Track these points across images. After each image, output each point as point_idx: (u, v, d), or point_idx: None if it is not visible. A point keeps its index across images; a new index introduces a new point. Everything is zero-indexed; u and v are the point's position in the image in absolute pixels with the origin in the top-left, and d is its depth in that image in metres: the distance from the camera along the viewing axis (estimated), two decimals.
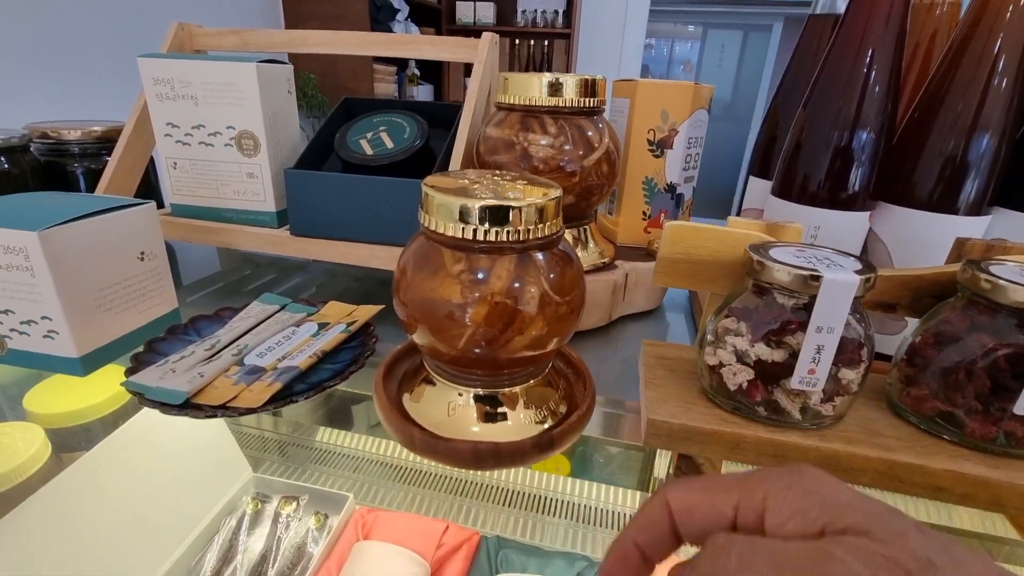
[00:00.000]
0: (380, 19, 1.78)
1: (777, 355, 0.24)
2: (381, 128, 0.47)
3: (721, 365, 0.26)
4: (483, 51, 0.48)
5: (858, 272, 0.23)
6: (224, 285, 0.56)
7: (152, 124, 0.48)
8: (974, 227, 0.33)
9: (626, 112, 0.47)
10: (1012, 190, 0.33)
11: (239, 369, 0.32)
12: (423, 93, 2.29)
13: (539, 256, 0.26)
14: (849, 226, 0.34)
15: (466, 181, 0.27)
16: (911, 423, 0.26)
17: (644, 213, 0.49)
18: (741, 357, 0.25)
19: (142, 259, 0.37)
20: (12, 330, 0.33)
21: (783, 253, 0.25)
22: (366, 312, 0.40)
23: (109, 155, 0.52)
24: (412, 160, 0.45)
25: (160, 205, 0.55)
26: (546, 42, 2.28)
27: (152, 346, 0.35)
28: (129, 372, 0.31)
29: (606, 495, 0.71)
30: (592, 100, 0.40)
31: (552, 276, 0.26)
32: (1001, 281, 0.23)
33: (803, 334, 0.23)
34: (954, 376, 0.24)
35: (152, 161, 0.55)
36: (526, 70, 2.32)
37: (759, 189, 0.43)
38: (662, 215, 0.49)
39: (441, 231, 0.25)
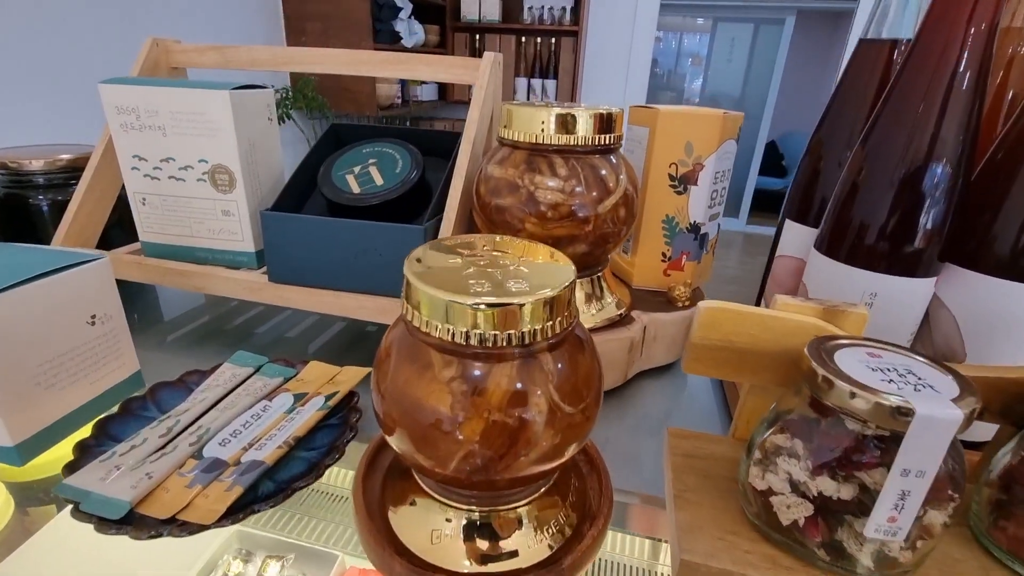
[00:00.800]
0: (382, 18, 1.72)
1: (845, 491, 0.19)
2: (370, 161, 0.42)
3: (771, 492, 0.21)
4: (484, 73, 0.43)
5: (958, 400, 0.18)
6: (209, 320, 0.51)
7: (118, 154, 0.43)
8: None
9: (644, 142, 0.42)
10: None
11: (196, 464, 0.27)
12: (427, 92, 2.24)
13: (548, 358, 0.21)
14: (912, 294, 0.29)
15: (459, 260, 0.22)
16: (1008, 567, 0.21)
17: (664, 254, 0.44)
18: (797, 487, 0.20)
19: (93, 323, 0.32)
20: None
21: (852, 361, 0.20)
22: (350, 378, 0.35)
23: (77, 184, 0.47)
24: (404, 198, 0.40)
25: (136, 237, 0.51)
26: (553, 40, 2.21)
27: (102, 428, 0.30)
28: (68, 469, 0.27)
29: None
30: (608, 136, 0.35)
31: (563, 380, 0.21)
32: None
33: (881, 471, 0.18)
34: None
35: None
36: (532, 69, 2.26)
37: (797, 235, 0.38)
38: (684, 257, 0.43)
39: (427, 331, 0.20)
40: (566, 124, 0.34)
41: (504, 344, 0.20)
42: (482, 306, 0.19)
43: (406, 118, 2.32)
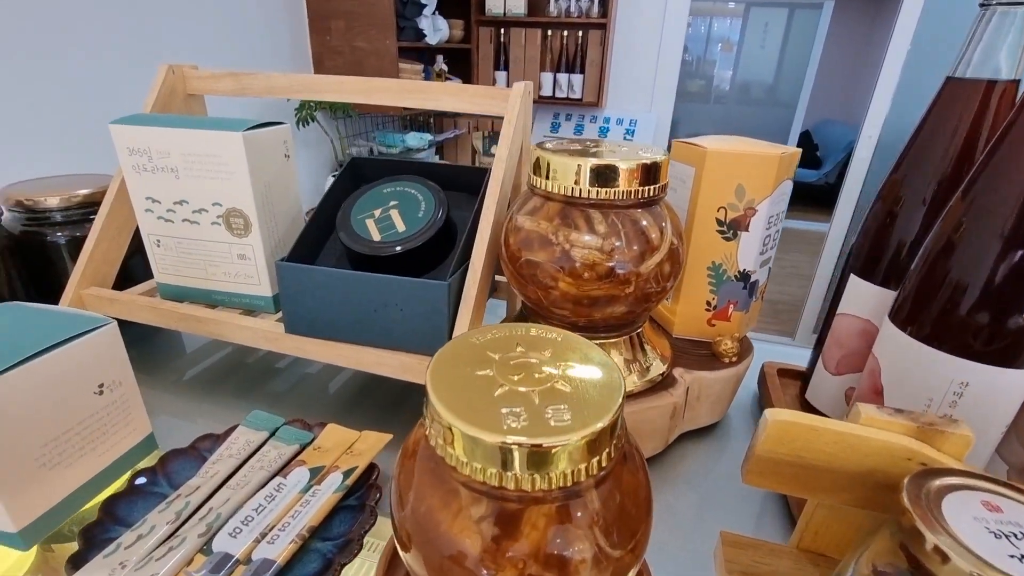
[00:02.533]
0: (406, 15, 1.69)
1: None
2: (391, 204, 0.39)
3: None
4: (515, 106, 0.39)
5: None
6: (228, 354, 0.50)
7: (130, 196, 0.41)
8: None
9: (689, 182, 0.38)
10: None
11: (205, 563, 0.25)
12: None
13: (593, 496, 0.18)
14: (1009, 387, 0.25)
15: (489, 372, 0.19)
16: None
17: (708, 303, 0.40)
18: None
19: (101, 393, 0.30)
20: None
21: (966, 518, 0.16)
22: (369, 447, 0.33)
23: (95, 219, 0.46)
24: (427, 245, 0.37)
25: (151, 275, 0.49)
26: (580, 33, 2.15)
27: (108, 510, 0.28)
28: (72, 565, 0.25)
29: None
30: (651, 188, 0.31)
31: (612, 518, 0.18)
32: None
33: None
34: None
35: None
36: (558, 62, 2.20)
37: (863, 294, 0.33)
38: (730, 306, 0.40)
39: (454, 465, 0.17)
40: (605, 176, 0.30)
41: (543, 487, 0.17)
42: (516, 446, 0.16)
43: (430, 114, 2.29)
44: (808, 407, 0.39)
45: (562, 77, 2.23)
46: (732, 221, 0.37)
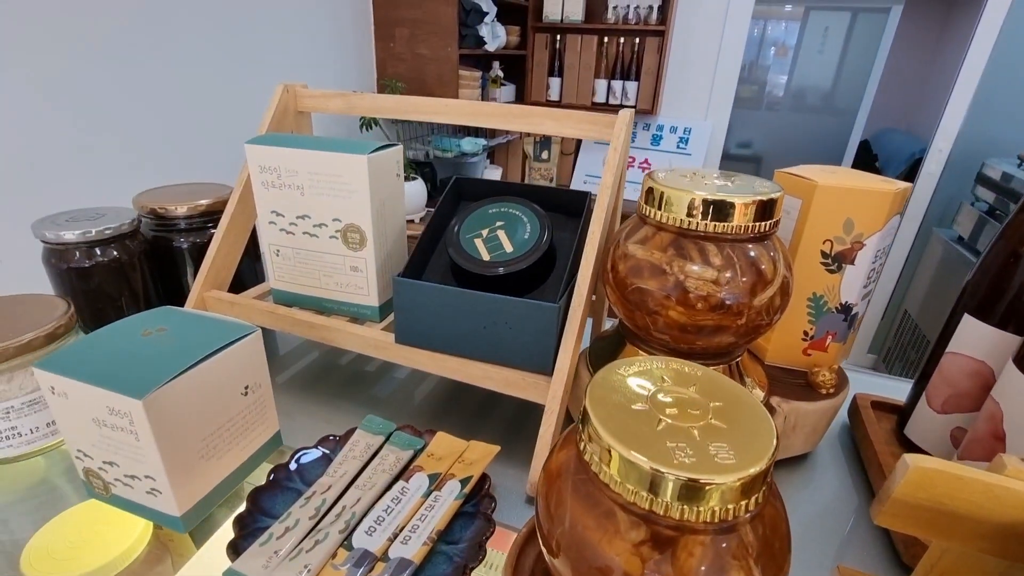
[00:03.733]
0: (469, 23, 1.73)
1: None
2: (498, 224, 0.41)
3: None
4: (619, 134, 0.41)
5: None
6: (319, 357, 0.53)
7: (256, 209, 0.45)
8: None
9: (794, 213, 0.38)
10: None
11: (348, 557, 0.28)
12: (505, 94, 2.23)
13: (747, 530, 0.19)
14: None
15: (645, 406, 0.21)
16: None
17: (806, 333, 0.40)
18: None
19: (246, 394, 0.34)
20: (116, 479, 0.31)
21: None
22: (480, 457, 0.35)
23: (214, 226, 0.50)
24: (533, 266, 0.39)
25: (260, 279, 0.53)
26: (637, 40, 2.14)
27: (255, 501, 0.31)
28: (232, 550, 0.28)
29: None
30: (766, 224, 0.32)
31: (763, 549, 0.20)
32: None
33: None
34: None
35: (254, 232, 0.53)
36: (613, 69, 2.20)
37: (978, 334, 0.33)
38: (829, 337, 0.40)
39: (616, 491, 0.19)
40: (721, 210, 0.31)
41: (706, 520, 0.18)
42: (686, 480, 0.18)
43: None
44: (907, 442, 0.39)
45: (616, 84, 2.22)
46: (838, 254, 0.37)
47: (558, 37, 2.23)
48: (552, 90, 2.32)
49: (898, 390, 0.45)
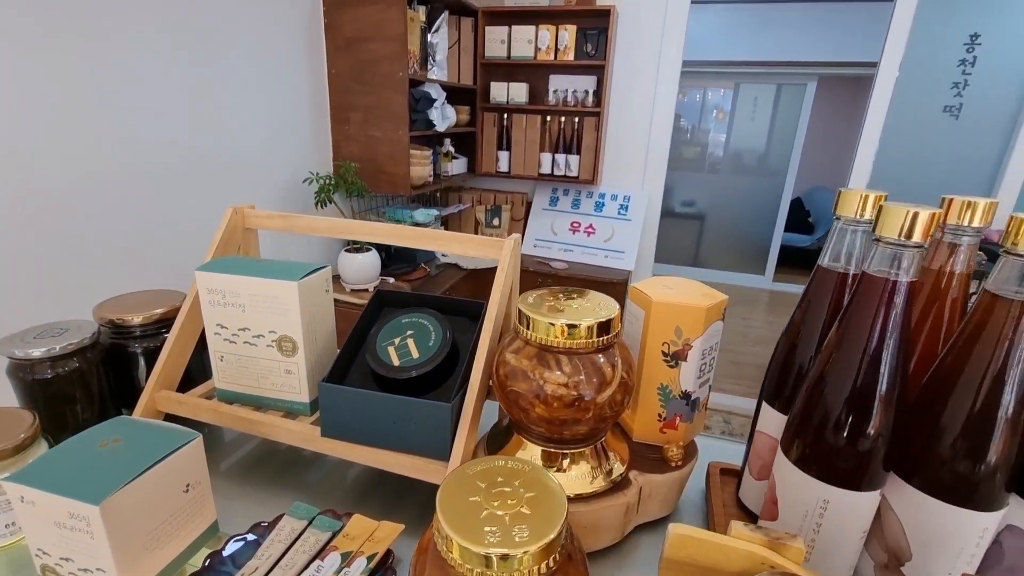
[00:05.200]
0: (419, 109, 1.88)
1: None
2: (408, 333, 0.50)
3: None
4: (506, 257, 0.51)
5: None
6: (258, 445, 0.59)
7: (204, 322, 0.52)
8: (987, 521, 0.33)
9: (642, 321, 0.49)
10: None
11: None
12: (457, 167, 2.38)
13: None
14: (858, 506, 0.35)
15: (479, 498, 0.29)
16: None
17: (659, 415, 0.50)
18: None
19: (187, 491, 0.40)
20: (70, 573, 0.37)
21: None
22: (387, 535, 0.42)
23: (167, 331, 0.57)
24: (436, 369, 0.48)
25: (208, 372, 0.59)
26: (576, 119, 2.35)
27: None
28: None
29: None
30: (605, 338, 0.42)
31: None
32: None
33: None
34: None
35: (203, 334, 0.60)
36: (556, 144, 2.40)
37: (770, 417, 0.43)
38: (677, 418, 0.50)
39: (452, 565, 0.27)
40: (572, 330, 0.41)
41: None
42: (493, 555, 0.26)
43: (436, 192, 2.47)
44: (741, 504, 0.48)
45: (560, 157, 2.41)
46: (674, 353, 0.48)
47: (505, 116, 2.43)
48: (501, 162, 2.49)
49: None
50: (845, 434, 0.34)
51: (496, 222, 2.55)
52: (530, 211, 2.61)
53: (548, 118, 2.38)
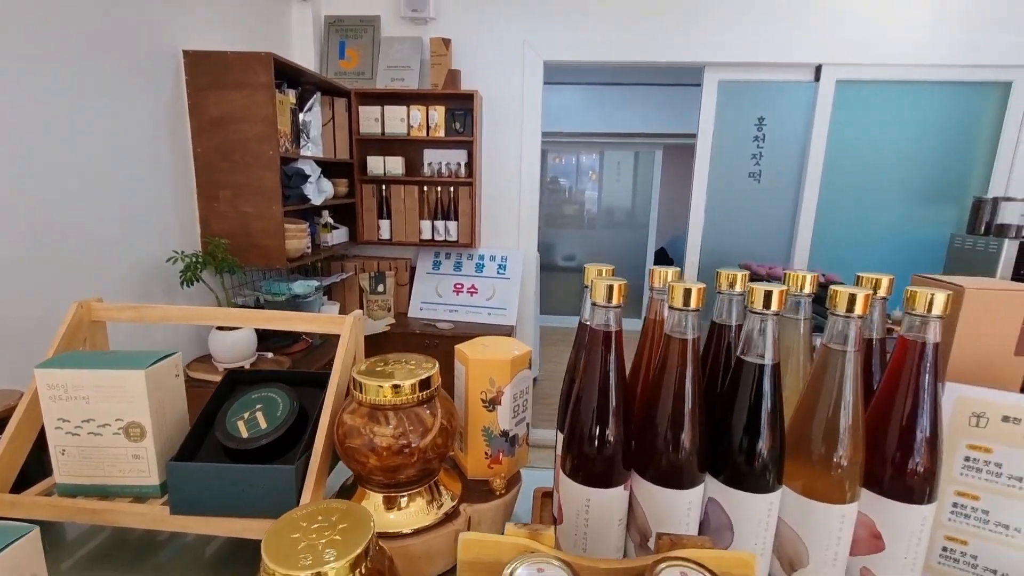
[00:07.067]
0: (292, 184, 1.93)
1: None
2: (257, 407, 0.55)
3: None
4: (347, 331, 0.59)
5: None
6: (109, 535, 0.59)
7: (43, 418, 0.53)
8: (691, 496, 0.46)
9: (464, 375, 0.59)
10: (717, 463, 0.47)
11: None
12: (338, 236, 2.43)
13: None
14: (610, 501, 0.46)
15: (299, 535, 0.36)
16: None
17: (486, 453, 0.59)
18: None
19: None
20: None
21: (525, 571, 0.35)
22: None
23: (1, 430, 0.56)
24: (283, 437, 0.54)
25: (48, 470, 0.59)
26: (452, 188, 2.53)
27: None
28: None
29: None
30: (426, 392, 0.51)
31: None
32: None
33: None
34: None
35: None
36: (435, 212, 2.55)
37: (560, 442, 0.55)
38: (500, 454, 0.59)
39: None
40: (397, 390, 0.50)
41: None
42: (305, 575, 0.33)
43: (317, 262, 2.48)
44: (554, 518, 0.58)
45: (439, 223, 2.56)
46: (490, 399, 0.58)
47: (384, 186, 2.54)
48: (383, 230, 2.58)
49: None
50: (595, 445, 0.46)
51: (381, 288, 2.59)
52: (415, 276, 2.70)
53: (425, 188, 2.54)
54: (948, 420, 0.48)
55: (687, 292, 0.44)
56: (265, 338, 1.91)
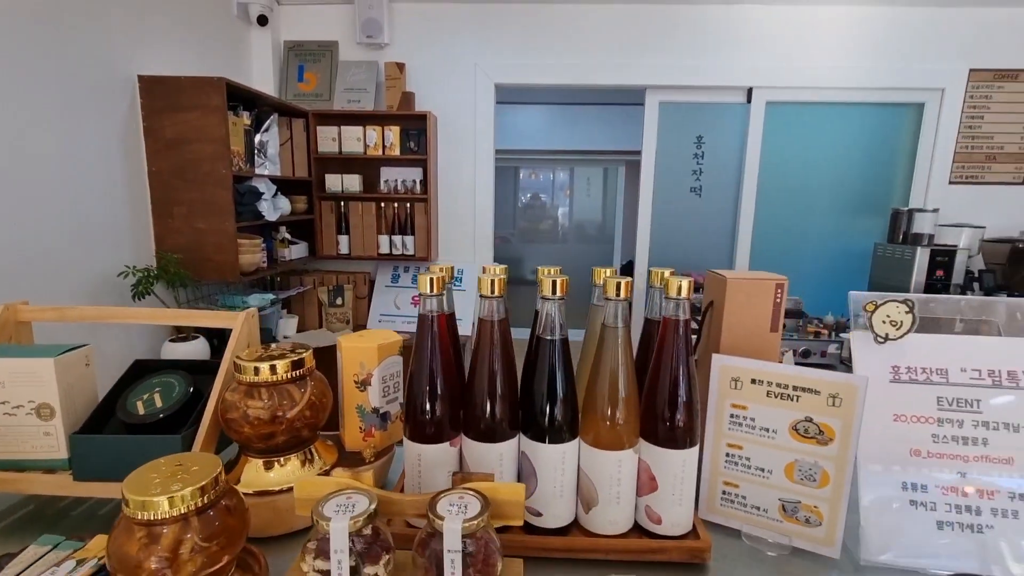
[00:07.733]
0: (245, 201, 2.02)
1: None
2: (156, 389, 0.65)
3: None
4: (239, 325, 0.69)
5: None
6: (21, 502, 0.67)
7: None
8: (502, 448, 0.56)
9: (340, 360, 0.69)
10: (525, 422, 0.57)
11: None
12: (296, 251, 2.51)
13: (195, 520, 0.44)
14: (440, 455, 0.56)
15: (155, 474, 0.45)
16: None
17: (360, 428, 0.69)
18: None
19: None
20: None
21: (333, 504, 0.45)
22: None
23: None
24: (178, 413, 0.63)
25: None
26: (408, 204, 2.64)
27: None
28: None
29: None
30: (298, 371, 0.61)
31: (208, 531, 0.44)
32: (437, 520, 0.44)
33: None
34: None
35: None
36: (393, 227, 2.65)
37: None
38: (372, 428, 0.69)
39: (131, 515, 0.43)
40: (272, 369, 0.60)
41: (166, 516, 0.43)
42: (158, 499, 0.42)
43: (275, 276, 2.55)
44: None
45: (396, 238, 2.66)
46: (361, 381, 0.68)
47: (342, 203, 2.64)
48: (342, 245, 2.67)
49: None
50: (427, 408, 0.56)
51: (339, 301, 2.68)
52: (374, 288, 2.79)
53: (383, 204, 2.64)
54: (716, 385, 0.59)
55: (492, 282, 0.55)
56: (218, 349, 1.98)
